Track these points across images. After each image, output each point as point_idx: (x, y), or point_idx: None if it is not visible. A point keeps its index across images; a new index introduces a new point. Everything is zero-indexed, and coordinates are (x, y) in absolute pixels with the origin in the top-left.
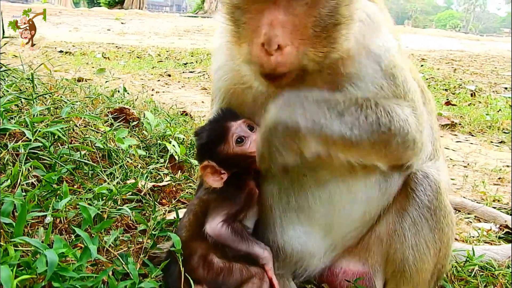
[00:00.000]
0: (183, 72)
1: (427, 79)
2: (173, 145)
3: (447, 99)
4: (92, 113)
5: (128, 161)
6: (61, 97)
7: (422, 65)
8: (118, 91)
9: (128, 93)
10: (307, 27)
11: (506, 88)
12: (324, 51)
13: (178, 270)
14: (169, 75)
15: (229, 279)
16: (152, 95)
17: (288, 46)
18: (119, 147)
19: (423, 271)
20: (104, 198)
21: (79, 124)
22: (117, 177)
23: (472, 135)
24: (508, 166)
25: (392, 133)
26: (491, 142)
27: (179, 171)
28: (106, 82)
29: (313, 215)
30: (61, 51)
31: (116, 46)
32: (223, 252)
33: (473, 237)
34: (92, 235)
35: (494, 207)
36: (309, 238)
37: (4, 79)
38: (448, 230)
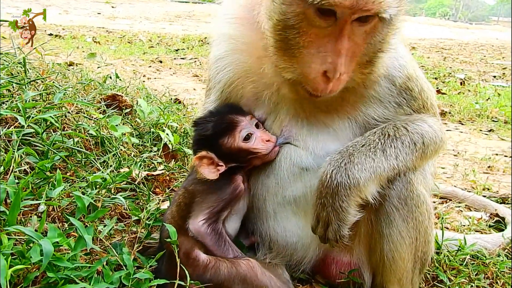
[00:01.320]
0: (175, 58)
1: None
2: (167, 134)
3: (437, 88)
4: (85, 99)
5: (121, 149)
6: (53, 82)
7: (412, 54)
8: (110, 77)
9: (120, 79)
10: (360, 54)
11: (494, 77)
12: (366, 75)
13: (166, 266)
14: (161, 61)
15: (217, 275)
16: (144, 81)
17: (345, 74)
18: (112, 134)
19: (401, 260)
20: (98, 186)
21: (72, 111)
22: (110, 166)
23: (462, 124)
24: (497, 154)
25: (426, 146)
26: (480, 130)
27: (173, 160)
28: (98, 67)
29: (308, 208)
30: (51, 34)
31: (107, 31)
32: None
33: (464, 225)
34: (86, 224)
35: (484, 196)
36: (303, 230)
37: None
38: (423, 218)
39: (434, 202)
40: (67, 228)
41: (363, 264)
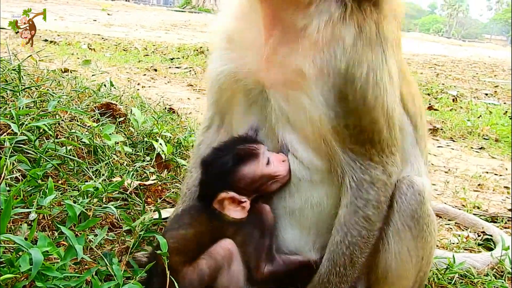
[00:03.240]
0: (170, 67)
1: None
2: (160, 144)
3: (430, 104)
4: (79, 107)
5: (114, 158)
6: (47, 90)
7: None
8: (105, 85)
9: (114, 87)
10: None
11: (486, 94)
12: None
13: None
14: (155, 70)
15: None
16: (138, 89)
17: None
18: (105, 143)
19: (405, 279)
20: (90, 195)
21: (65, 118)
22: (103, 174)
23: (453, 141)
24: (487, 172)
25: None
26: (472, 148)
27: (166, 170)
28: (92, 75)
29: (306, 219)
30: (46, 40)
31: (102, 38)
32: None
33: (454, 244)
34: (77, 233)
35: (474, 214)
36: (300, 241)
37: None
38: (430, 238)
39: None
40: (57, 237)
41: (359, 280)
